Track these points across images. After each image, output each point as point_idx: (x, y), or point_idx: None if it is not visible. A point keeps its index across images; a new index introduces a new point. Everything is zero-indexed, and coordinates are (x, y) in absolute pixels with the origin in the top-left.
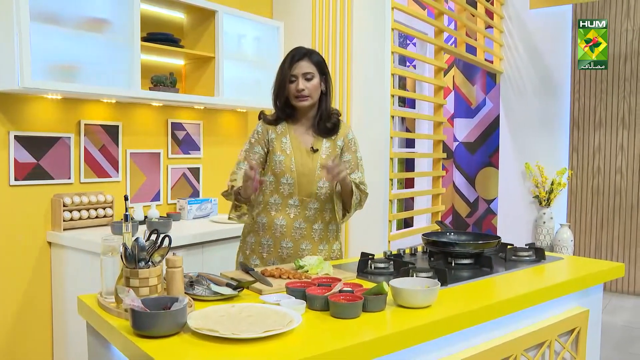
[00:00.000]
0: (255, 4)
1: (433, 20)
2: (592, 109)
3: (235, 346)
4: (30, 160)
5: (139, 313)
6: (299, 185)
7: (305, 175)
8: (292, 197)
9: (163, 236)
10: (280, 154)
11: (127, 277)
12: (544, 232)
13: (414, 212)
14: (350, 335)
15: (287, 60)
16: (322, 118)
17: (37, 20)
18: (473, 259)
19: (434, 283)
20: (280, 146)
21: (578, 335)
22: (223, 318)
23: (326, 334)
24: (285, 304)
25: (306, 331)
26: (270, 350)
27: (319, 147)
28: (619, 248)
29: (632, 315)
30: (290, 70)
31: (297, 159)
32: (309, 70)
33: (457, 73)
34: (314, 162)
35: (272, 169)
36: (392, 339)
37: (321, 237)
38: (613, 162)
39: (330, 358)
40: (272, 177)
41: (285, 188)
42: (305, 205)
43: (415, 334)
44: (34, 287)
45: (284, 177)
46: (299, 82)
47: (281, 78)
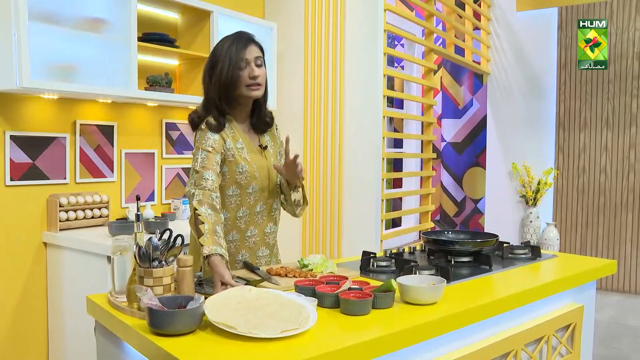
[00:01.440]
0: (247, 5)
1: (423, 21)
2: (577, 110)
3: (251, 342)
4: (26, 161)
5: (156, 312)
6: (262, 190)
7: (265, 178)
8: (258, 204)
9: (176, 236)
10: (243, 163)
11: (141, 277)
12: (530, 231)
13: (405, 212)
14: (362, 331)
15: (233, 45)
16: (260, 113)
17: (35, 20)
18: (472, 257)
19: (440, 280)
20: (240, 154)
21: (574, 330)
22: (240, 306)
23: (338, 330)
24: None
25: (318, 328)
26: (285, 347)
27: (266, 143)
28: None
29: (616, 312)
30: (243, 54)
31: (257, 164)
32: (259, 54)
33: (445, 74)
34: (268, 161)
35: (235, 182)
36: (403, 335)
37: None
38: (598, 162)
39: (344, 354)
40: (237, 190)
41: (251, 197)
42: (270, 207)
43: (424, 330)
44: (30, 287)
45: (250, 187)
46: (252, 68)
47: (230, 66)
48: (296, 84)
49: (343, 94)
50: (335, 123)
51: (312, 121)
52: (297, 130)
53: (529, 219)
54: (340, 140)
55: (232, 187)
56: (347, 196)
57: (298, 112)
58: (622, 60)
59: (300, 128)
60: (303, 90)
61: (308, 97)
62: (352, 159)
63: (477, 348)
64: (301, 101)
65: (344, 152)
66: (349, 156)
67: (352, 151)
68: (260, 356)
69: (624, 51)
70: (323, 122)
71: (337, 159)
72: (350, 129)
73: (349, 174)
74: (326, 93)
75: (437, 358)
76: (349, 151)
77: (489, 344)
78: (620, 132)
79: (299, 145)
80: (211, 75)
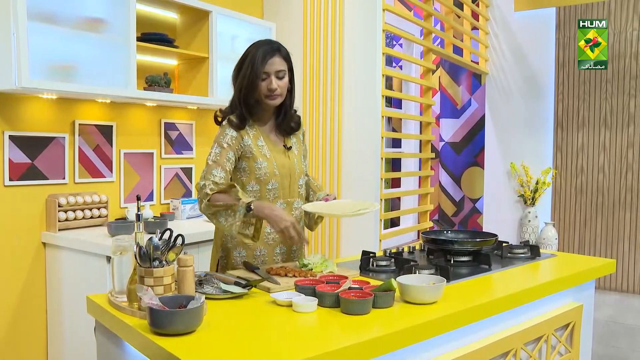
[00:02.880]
0: (246, 5)
1: (422, 21)
2: (575, 110)
3: (252, 342)
4: (24, 161)
5: (157, 311)
6: (283, 188)
7: (287, 177)
8: (278, 201)
9: (176, 235)
10: (262, 160)
11: (142, 276)
12: (529, 230)
13: (404, 212)
14: (363, 331)
15: (258, 55)
16: (285, 116)
17: (34, 20)
18: (471, 257)
19: (440, 280)
20: (259, 151)
21: (573, 329)
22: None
23: (338, 330)
24: (297, 301)
25: (319, 327)
26: (286, 346)
27: (291, 144)
28: (601, 245)
29: (615, 311)
30: (263, 67)
31: (278, 162)
32: (281, 67)
33: (443, 74)
34: (291, 161)
35: (255, 178)
36: (404, 334)
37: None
38: (596, 161)
39: (344, 353)
40: (256, 186)
41: (271, 194)
42: (290, 206)
43: (424, 329)
44: (29, 287)
45: (269, 184)
46: (271, 80)
47: (252, 75)
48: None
49: (342, 93)
50: (334, 123)
51: (311, 121)
52: None
53: (527, 219)
54: (339, 140)
55: (252, 183)
56: (347, 196)
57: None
58: (619, 60)
59: None
60: (302, 90)
61: (307, 97)
62: (351, 158)
63: (477, 347)
64: (300, 101)
65: (342, 152)
66: (348, 156)
67: (351, 151)
68: (260, 355)
69: (622, 51)
70: (322, 122)
71: (335, 159)
72: (349, 128)
73: (348, 174)
74: (325, 93)
75: (437, 357)
76: (348, 151)
77: (489, 343)
78: (618, 131)
79: None
80: (236, 78)
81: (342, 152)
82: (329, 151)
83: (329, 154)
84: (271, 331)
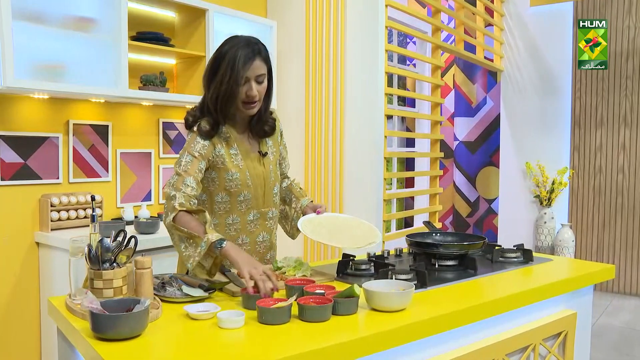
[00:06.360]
0: (250, 3)
1: (430, 18)
2: (593, 108)
3: (197, 348)
4: (17, 160)
5: (96, 315)
6: (256, 198)
7: (261, 186)
8: (251, 212)
9: (129, 237)
10: (234, 171)
11: (92, 279)
12: (545, 232)
13: (408, 213)
14: (319, 338)
15: (238, 58)
16: (260, 120)
17: (20, 19)
18: (457, 261)
19: (409, 285)
20: (231, 162)
21: (565, 338)
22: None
23: (292, 337)
24: (223, 315)
25: (271, 335)
26: (237, 353)
27: (267, 149)
28: (621, 248)
29: (633, 317)
30: (244, 72)
31: (251, 171)
32: (262, 71)
33: (458, 72)
34: (266, 169)
35: (224, 189)
36: (361, 343)
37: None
38: (615, 161)
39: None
40: (226, 197)
41: (243, 205)
42: (264, 216)
43: (385, 337)
44: (22, 287)
45: (241, 195)
46: (251, 86)
47: (231, 80)
48: (297, 82)
49: (344, 92)
50: (337, 122)
51: (313, 120)
52: (298, 129)
53: (543, 220)
54: (341, 139)
55: (221, 194)
56: (348, 196)
57: (299, 111)
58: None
59: (301, 127)
60: (304, 89)
61: (309, 96)
62: (353, 158)
63: (450, 358)
64: (302, 99)
65: (344, 151)
66: (350, 156)
67: (353, 150)
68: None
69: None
70: (324, 120)
71: (337, 158)
72: (351, 127)
73: (350, 174)
74: (327, 91)
75: None
76: (349, 150)
77: (464, 354)
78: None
79: (299, 143)
80: (211, 81)
81: (343, 152)
82: (330, 150)
83: (331, 153)
84: (215, 339)
